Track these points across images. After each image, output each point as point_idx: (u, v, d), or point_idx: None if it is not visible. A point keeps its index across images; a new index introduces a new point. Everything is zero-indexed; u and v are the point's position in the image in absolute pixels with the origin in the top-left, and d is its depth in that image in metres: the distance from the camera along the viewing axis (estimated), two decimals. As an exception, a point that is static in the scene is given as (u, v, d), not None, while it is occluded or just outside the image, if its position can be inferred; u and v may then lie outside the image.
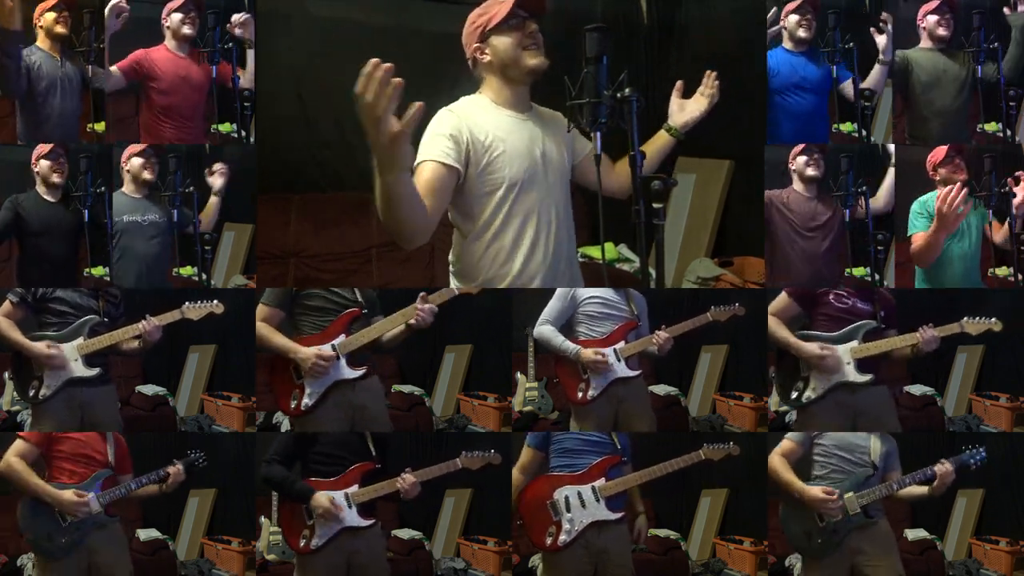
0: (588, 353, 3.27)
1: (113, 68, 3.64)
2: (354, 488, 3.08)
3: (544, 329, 3.31)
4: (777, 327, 3.30)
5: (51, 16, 3.59)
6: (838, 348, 3.23)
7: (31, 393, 3.26)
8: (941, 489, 3.13)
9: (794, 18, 3.67)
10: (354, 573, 3.08)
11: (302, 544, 3.05)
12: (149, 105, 3.69)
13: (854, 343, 3.24)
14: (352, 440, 3.13)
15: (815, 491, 3.12)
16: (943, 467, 3.11)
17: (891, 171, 3.60)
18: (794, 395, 3.28)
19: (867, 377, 3.24)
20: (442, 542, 3.84)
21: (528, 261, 2.80)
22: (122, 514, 3.24)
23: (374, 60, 2.17)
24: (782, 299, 3.33)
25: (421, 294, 3.06)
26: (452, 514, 3.84)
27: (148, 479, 3.21)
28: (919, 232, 3.45)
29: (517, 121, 2.81)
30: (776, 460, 3.21)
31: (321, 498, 3.05)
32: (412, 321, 3.06)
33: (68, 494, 3.14)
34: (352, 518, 3.07)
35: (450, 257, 2.92)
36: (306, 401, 3.10)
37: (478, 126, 2.76)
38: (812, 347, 3.24)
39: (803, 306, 3.33)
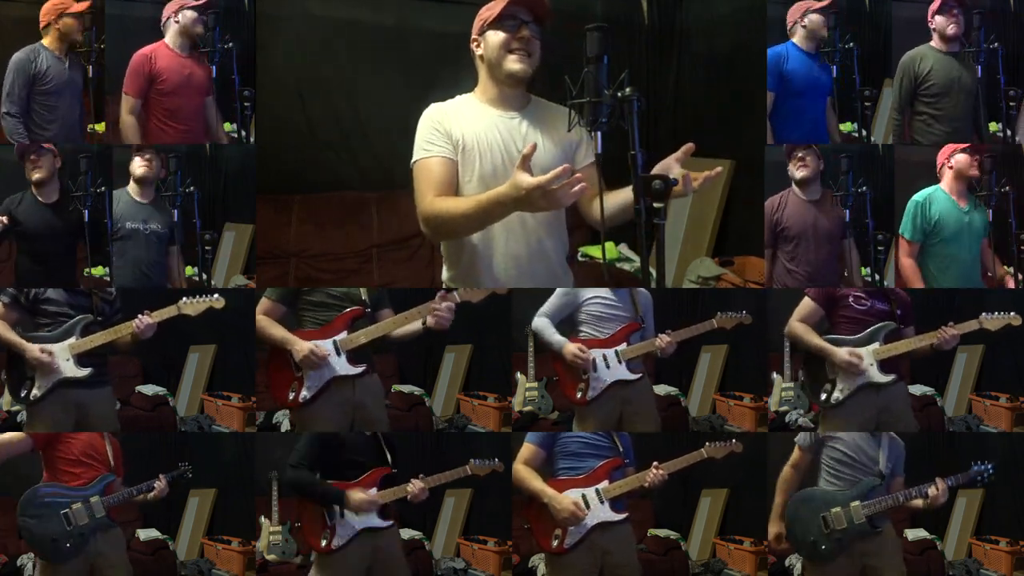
0: (570, 348, 3.27)
1: (126, 110, 3.64)
2: (373, 491, 3.09)
3: (539, 321, 3.31)
4: (806, 333, 3.31)
5: (71, 22, 3.58)
6: (862, 351, 3.26)
7: (23, 393, 3.22)
8: (934, 507, 3.14)
9: (818, 19, 3.67)
10: (375, 573, 3.09)
11: (323, 544, 3.06)
12: (151, 106, 3.68)
13: (876, 345, 3.26)
14: (367, 445, 3.13)
15: (842, 353, 3.19)
16: (935, 489, 3.10)
17: None
18: (823, 396, 3.30)
19: (890, 377, 3.26)
20: (442, 542, 3.84)
21: (494, 257, 2.79)
22: (120, 515, 3.23)
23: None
24: (806, 304, 3.33)
25: (440, 293, 3.02)
26: (452, 514, 3.85)
27: (141, 488, 3.19)
28: (906, 241, 3.55)
29: (501, 119, 2.80)
30: (785, 471, 3.24)
31: (360, 496, 3.05)
32: (431, 322, 3.06)
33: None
34: (373, 519, 3.08)
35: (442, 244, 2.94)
36: (304, 394, 3.10)
37: (455, 123, 2.77)
38: (842, 353, 3.25)
39: (825, 309, 3.34)
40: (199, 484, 3.66)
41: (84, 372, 3.23)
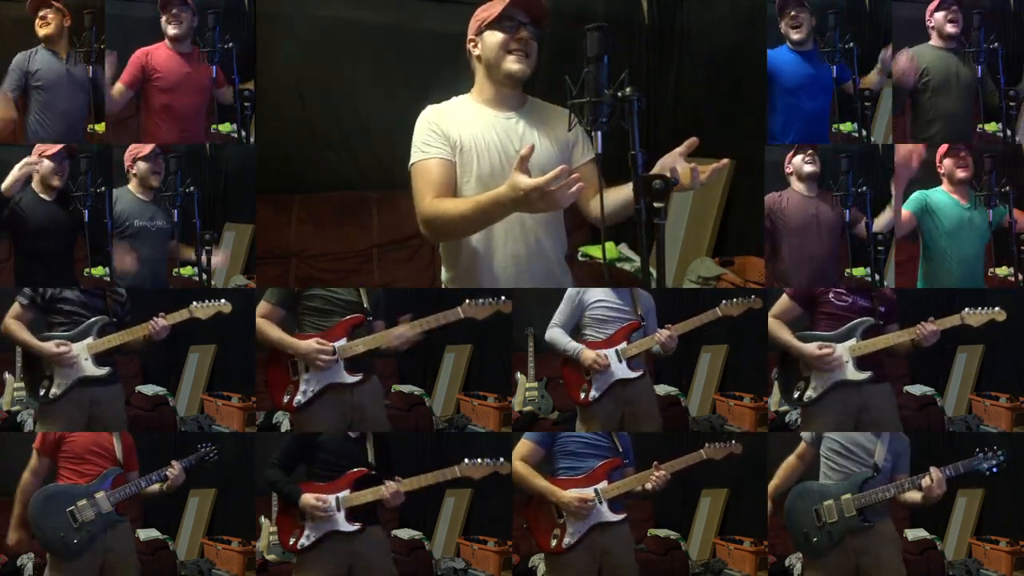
0: (588, 354, 3.28)
1: (118, 86, 3.63)
2: (345, 492, 3.08)
3: (552, 333, 3.34)
4: (778, 329, 3.31)
5: (45, 14, 3.59)
6: (837, 347, 3.24)
7: (41, 392, 3.26)
8: (932, 500, 3.11)
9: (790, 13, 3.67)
10: None
11: (291, 542, 3.07)
12: (149, 104, 3.69)
13: (852, 341, 3.25)
14: (351, 446, 3.13)
15: (811, 347, 3.19)
16: (929, 479, 3.09)
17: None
18: (796, 394, 3.29)
19: (866, 375, 3.24)
20: (442, 542, 3.84)
21: (494, 258, 2.81)
22: (127, 512, 3.24)
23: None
24: (783, 301, 3.33)
25: (403, 317, 3.10)
26: (452, 514, 3.85)
27: (153, 478, 3.20)
28: (906, 211, 3.57)
29: (497, 119, 2.81)
30: (788, 460, 3.26)
31: (307, 498, 3.06)
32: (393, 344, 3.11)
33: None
34: (340, 522, 3.08)
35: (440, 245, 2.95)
36: (299, 398, 3.11)
37: (451, 125, 2.79)
38: (811, 347, 3.25)
39: (804, 306, 3.33)
40: (199, 484, 3.66)
41: (103, 371, 3.28)
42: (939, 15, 3.64)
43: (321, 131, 4.90)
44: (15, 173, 3.39)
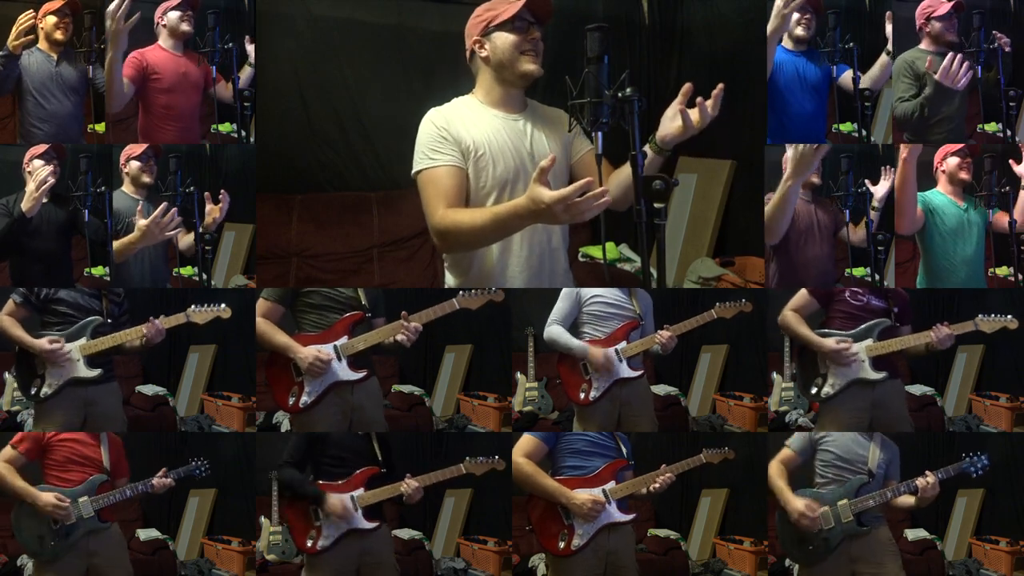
0: (596, 353, 3.27)
1: (125, 81, 3.64)
2: (360, 491, 3.09)
3: (553, 330, 3.32)
4: (796, 323, 3.33)
5: (51, 20, 3.58)
6: (854, 344, 3.28)
7: (32, 391, 3.26)
8: (926, 501, 3.13)
9: (794, 16, 3.66)
10: (364, 574, 3.09)
11: (309, 544, 3.06)
12: (148, 105, 3.68)
13: (869, 341, 3.27)
14: (358, 444, 3.14)
15: (798, 503, 3.14)
16: (925, 481, 3.10)
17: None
18: (813, 390, 3.32)
19: (882, 375, 3.28)
20: (442, 542, 3.84)
21: (508, 260, 2.81)
22: (121, 515, 3.23)
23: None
24: (802, 295, 3.35)
25: (404, 313, 3.09)
26: (452, 514, 3.85)
27: (139, 488, 3.19)
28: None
29: (506, 121, 2.80)
30: (774, 466, 3.23)
31: (335, 501, 3.06)
32: (400, 338, 3.09)
33: (48, 497, 3.13)
34: (358, 520, 3.08)
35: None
36: (304, 399, 3.11)
37: (463, 128, 2.76)
38: (829, 342, 3.28)
39: (821, 302, 3.36)
40: (199, 484, 3.66)
41: (95, 373, 3.27)
42: (937, 24, 3.63)
43: (321, 131, 4.89)
44: (35, 194, 3.35)
